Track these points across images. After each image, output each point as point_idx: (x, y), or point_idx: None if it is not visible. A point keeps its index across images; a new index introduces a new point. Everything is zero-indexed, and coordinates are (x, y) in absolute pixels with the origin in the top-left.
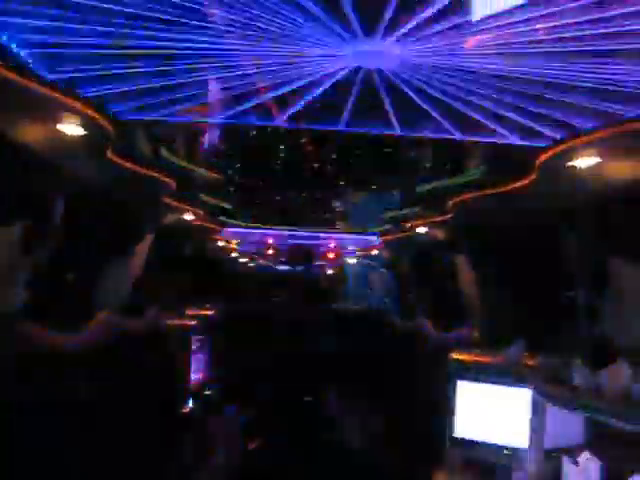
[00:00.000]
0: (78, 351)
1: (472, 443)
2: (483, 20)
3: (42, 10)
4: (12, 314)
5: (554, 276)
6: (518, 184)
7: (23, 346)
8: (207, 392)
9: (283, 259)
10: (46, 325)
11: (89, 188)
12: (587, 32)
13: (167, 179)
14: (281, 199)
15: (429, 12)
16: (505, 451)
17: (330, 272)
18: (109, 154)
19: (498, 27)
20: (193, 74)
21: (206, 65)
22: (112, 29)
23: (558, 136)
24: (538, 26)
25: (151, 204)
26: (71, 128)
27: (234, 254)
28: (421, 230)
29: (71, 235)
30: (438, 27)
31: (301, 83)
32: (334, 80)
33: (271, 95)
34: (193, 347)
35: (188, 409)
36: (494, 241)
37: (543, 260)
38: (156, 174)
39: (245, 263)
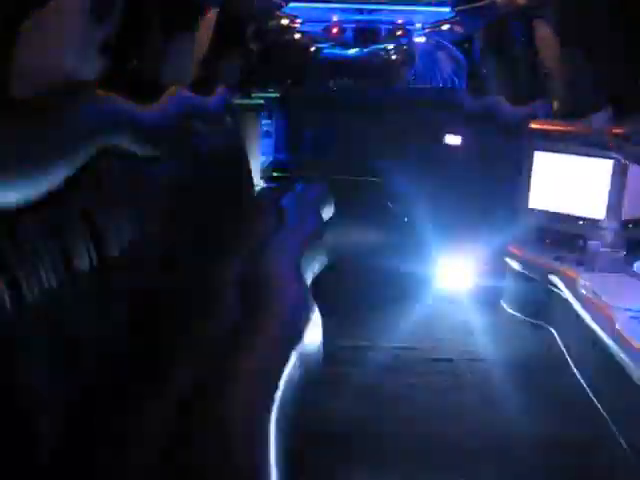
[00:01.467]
0: (157, 120)
1: (547, 214)
2: None
3: None
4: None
5: None
6: None
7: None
8: (275, 174)
9: (348, 39)
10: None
11: None
12: None
13: None
14: None
15: None
16: (580, 222)
17: (396, 53)
18: None
19: None
20: None
21: None
22: None
23: None
24: None
25: None
26: None
27: (297, 35)
28: None
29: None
30: None
31: None
32: None
33: None
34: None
35: (259, 188)
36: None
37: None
38: None
39: (308, 44)
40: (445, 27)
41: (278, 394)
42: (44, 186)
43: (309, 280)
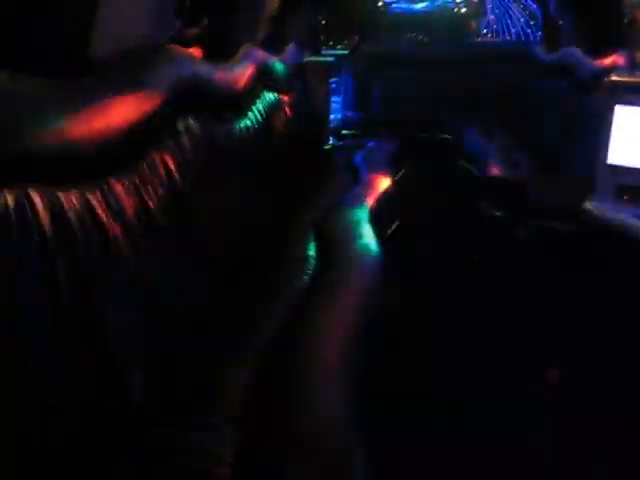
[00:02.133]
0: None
1: (628, 170)
2: None
3: None
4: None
5: None
6: None
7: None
8: (345, 131)
9: None
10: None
11: None
12: None
13: None
14: None
15: None
16: None
17: (466, 6)
18: None
19: None
20: None
21: None
22: None
23: None
24: None
25: None
26: None
27: None
28: None
29: None
30: None
31: None
32: None
33: None
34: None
35: (330, 146)
36: None
37: None
38: None
39: None
40: None
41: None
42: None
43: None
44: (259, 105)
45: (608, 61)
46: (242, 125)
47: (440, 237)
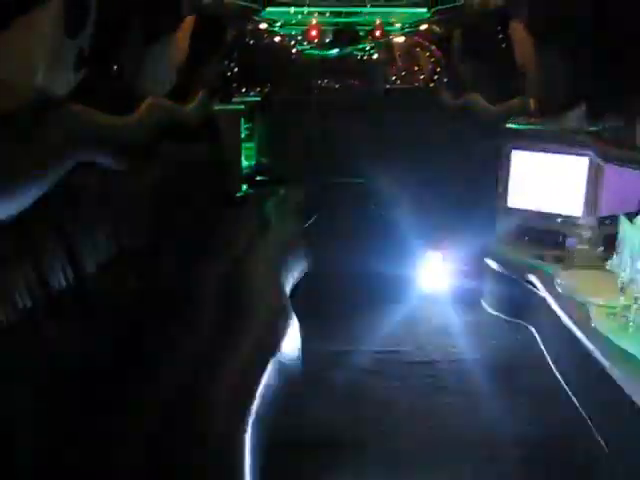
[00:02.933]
0: (134, 132)
1: (526, 212)
2: None
3: None
4: (61, 97)
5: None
6: None
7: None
8: (259, 177)
9: (328, 40)
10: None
11: None
12: None
13: None
14: None
15: None
16: (559, 219)
17: (376, 53)
18: None
19: None
20: None
21: None
22: None
23: None
24: None
25: None
26: None
27: (277, 38)
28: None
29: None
30: None
31: None
32: None
33: None
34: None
35: (242, 193)
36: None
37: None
38: None
39: (288, 46)
40: (423, 27)
41: (256, 401)
42: (17, 204)
43: (290, 285)
44: (164, 155)
45: (506, 107)
46: (145, 176)
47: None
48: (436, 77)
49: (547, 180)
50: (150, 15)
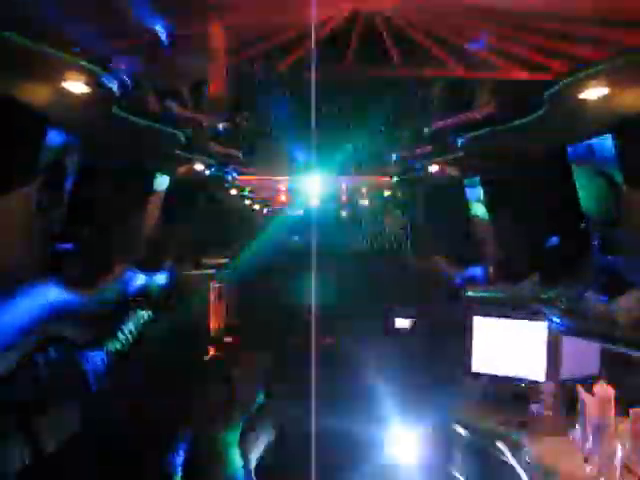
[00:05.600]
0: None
1: (489, 377)
2: None
3: None
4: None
5: (568, 208)
6: (530, 117)
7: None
8: (227, 339)
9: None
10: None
11: (98, 144)
12: None
13: (176, 131)
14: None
15: None
16: (522, 384)
17: (344, 214)
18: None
19: None
20: None
21: None
22: None
23: (564, 69)
24: None
25: (161, 157)
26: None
27: (247, 202)
28: (433, 168)
29: (84, 192)
30: None
31: None
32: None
33: None
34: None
35: (210, 356)
36: (507, 176)
37: (556, 192)
38: (164, 127)
39: (258, 210)
40: (387, 194)
41: None
42: None
43: (255, 456)
44: (130, 325)
45: (465, 273)
46: (110, 348)
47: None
48: (402, 240)
49: (509, 345)
50: (124, 184)
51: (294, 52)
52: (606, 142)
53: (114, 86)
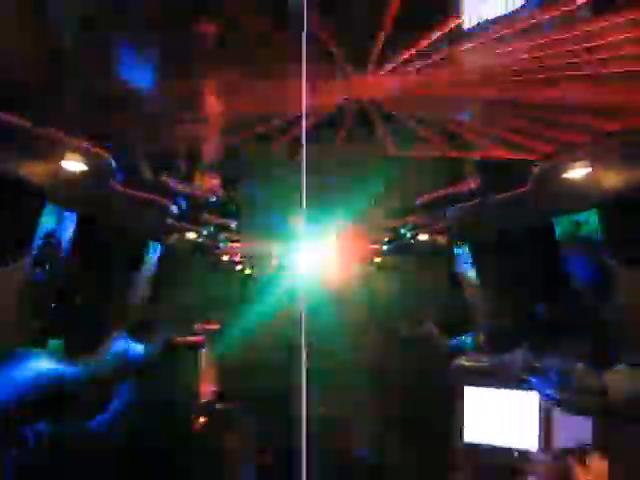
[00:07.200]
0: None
1: (482, 447)
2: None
3: None
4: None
5: (554, 279)
6: (515, 193)
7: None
8: (219, 406)
9: None
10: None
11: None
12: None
13: (169, 202)
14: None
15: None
16: (515, 454)
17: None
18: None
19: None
20: None
21: None
22: None
23: (547, 150)
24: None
25: (154, 227)
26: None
27: (239, 266)
28: (422, 237)
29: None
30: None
31: None
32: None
33: None
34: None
35: (200, 424)
36: (493, 247)
37: (542, 263)
38: (158, 198)
39: (250, 274)
40: (377, 259)
41: None
42: None
43: None
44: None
45: (456, 342)
46: (98, 422)
47: None
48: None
49: (501, 415)
50: (115, 259)
51: (289, 133)
52: (591, 217)
53: (112, 162)
